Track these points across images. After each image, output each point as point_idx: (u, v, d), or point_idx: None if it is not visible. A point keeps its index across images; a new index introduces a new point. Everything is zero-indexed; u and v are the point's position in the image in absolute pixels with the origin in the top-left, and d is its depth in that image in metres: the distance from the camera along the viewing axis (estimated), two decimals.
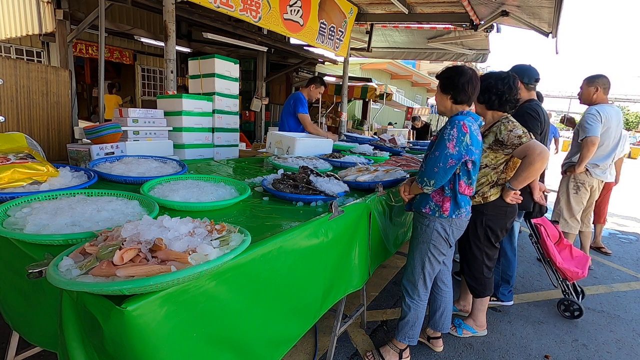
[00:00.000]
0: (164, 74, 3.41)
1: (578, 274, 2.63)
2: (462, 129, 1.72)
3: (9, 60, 2.68)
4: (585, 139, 3.08)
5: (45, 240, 1.06)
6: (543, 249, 2.74)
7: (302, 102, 3.98)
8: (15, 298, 1.24)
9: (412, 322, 2.03)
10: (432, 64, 21.44)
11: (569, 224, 3.40)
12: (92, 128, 2.30)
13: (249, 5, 4.09)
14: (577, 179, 3.32)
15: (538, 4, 4.49)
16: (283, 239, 1.30)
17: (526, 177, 1.96)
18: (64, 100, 3.01)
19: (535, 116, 2.43)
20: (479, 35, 6.46)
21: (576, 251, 2.90)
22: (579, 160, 3.19)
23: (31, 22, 4.80)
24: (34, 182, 1.51)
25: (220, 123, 3.11)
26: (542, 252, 2.77)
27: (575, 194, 3.34)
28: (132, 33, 5.74)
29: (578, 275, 2.63)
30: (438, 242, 1.91)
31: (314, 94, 4.05)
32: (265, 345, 1.30)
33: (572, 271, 2.63)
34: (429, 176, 1.78)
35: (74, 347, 0.92)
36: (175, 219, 1.04)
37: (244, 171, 2.55)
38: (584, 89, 3.27)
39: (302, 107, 3.96)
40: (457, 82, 1.79)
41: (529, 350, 2.33)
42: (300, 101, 3.98)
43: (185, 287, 0.95)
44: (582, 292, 2.85)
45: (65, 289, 0.84)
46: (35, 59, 6.86)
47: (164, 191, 1.62)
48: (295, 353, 2.12)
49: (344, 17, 5.83)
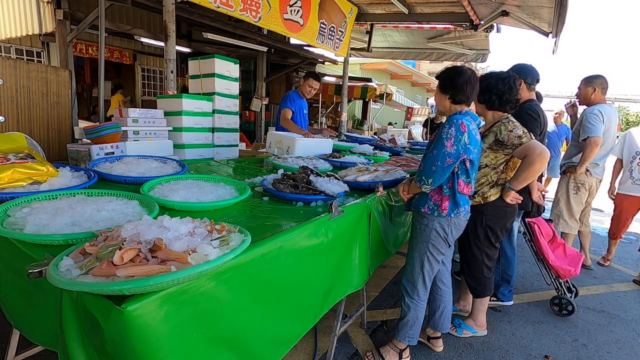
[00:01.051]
0: (164, 74, 3.41)
1: (570, 272, 2.64)
2: (460, 128, 1.73)
3: (9, 60, 2.68)
4: (589, 139, 3.06)
5: (45, 240, 1.06)
6: (536, 247, 2.76)
7: (288, 99, 3.99)
8: (16, 298, 1.24)
9: (411, 322, 2.04)
10: (432, 64, 21.44)
11: (569, 224, 3.39)
12: (92, 128, 2.30)
13: (249, 5, 4.09)
14: (577, 179, 3.31)
15: (538, 4, 4.49)
16: (283, 239, 1.30)
17: (526, 177, 1.96)
18: (64, 100, 3.01)
19: (535, 117, 2.43)
20: (479, 35, 6.46)
21: (569, 249, 2.91)
22: (581, 160, 3.17)
23: (31, 22, 4.80)
24: (34, 182, 1.51)
25: (220, 123, 3.11)
26: (535, 250, 2.79)
27: (575, 194, 3.33)
28: (132, 33, 5.75)
29: (570, 273, 2.65)
30: (437, 242, 1.91)
31: (304, 89, 4.01)
32: (265, 345, 1.30)
33: (565, 269, 2.65)
34: (427, 175, 1.78)
35: (74, 346, 0.92)
36: (175, 219, 1.04)
37: (244, 171, 2.55)
38: (582, 89, 3.26)
39: (286, 103, 3.97)
40: (456, 82, 1.80)
41: (529, 350, 2.33)
42: (286, 98, 4.01)
43: (185, 287, 0.95)
44: (575, 290, 2.86)
45: (65, 289, 0.84)
46: (35, 59, 6.86)
47: (164, 191, 1.62)
48: (295, 353, 2.12)
49: (344, 17, 5.83)
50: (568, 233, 3.41)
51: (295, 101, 4.00)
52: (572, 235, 3.45)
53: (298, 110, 4.07)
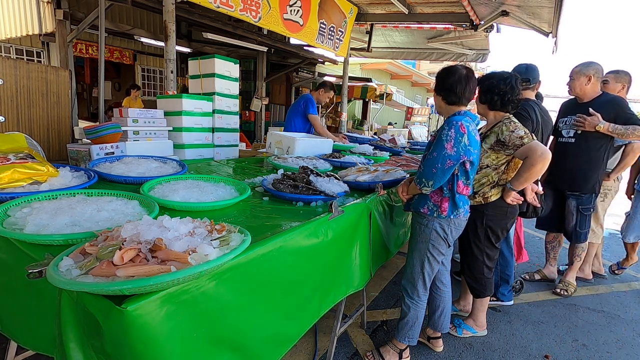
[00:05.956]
0: (164, 74, 3.41)
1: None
2: (460, 130, 1.72)
3: (9, 60, 2.68)
4: (631, 145, 2.93)
5: (45, 240, 1.06)
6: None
7: (313, 104, 4.07)
8: (9, 303, 1.23)
9: (411, 322, 2.03)
10: (432, 64, 21.40)
11: (596, 233, 3.20)
12: (92, 128, 2.31)
13: (248, 5, 4.09)
14: (605, 185, 3.09)
15: (538, 4, 4.50)
16: (283, 239, 1.30)
17: (527, 178, 1.96)
18: (64, 100, 3.00)
19: (525, 115, 2.42)
20: (479, 35, 6.47)
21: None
22: (619, 167, 3.03)
23: (31, 22, 4.79)
24: (34, 182, 1.51)
25: (220, 123, 3.11)
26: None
27: (602, 201, 3.18)
28: (132, 33, 5.75)
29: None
30: (437, 242, 1.91)
31: (322, 98, 4.18)
32: (265, 345, 1.30)
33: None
34: (427, 177, 1.78)
35: (72, 348, 0.91)
36: (175, 219, 1.04)
37: (244, 171, 2.55)
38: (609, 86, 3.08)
39: (313, 109, 4.05)
40: (446, 82, 1.81)
41: (529, 350, 2.33)
42: (311, 103, 4.08)
43: (185, 287, 0.95)
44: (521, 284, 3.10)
45: (65, 289, 0.84)
46: (35, 59, 6.86)
47: (164, 191, 1.62)
48: (295, 353, 2.12)
49: (343, 17, 5.84)
50: (594, 243, 3.25)
51: (315, 106, 4.11)
52: (596, 245, 3.28)
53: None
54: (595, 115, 2.68)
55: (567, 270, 3.16)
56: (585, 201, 2.87)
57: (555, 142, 3.03)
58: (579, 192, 2.87)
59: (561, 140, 2.94)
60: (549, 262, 3.34)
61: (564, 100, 3.16)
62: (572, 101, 2.96)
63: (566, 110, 2.97)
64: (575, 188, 2.87)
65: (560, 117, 3.01)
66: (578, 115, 2.77)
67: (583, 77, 2.76)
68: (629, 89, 3.14)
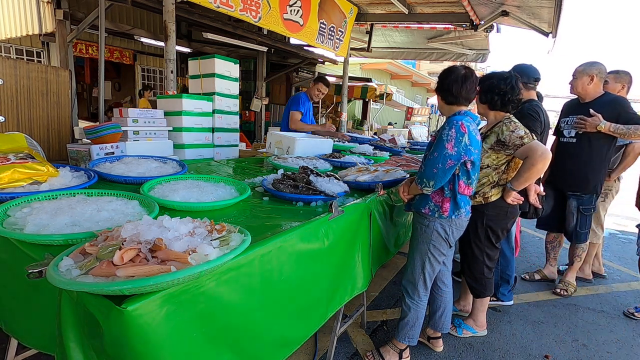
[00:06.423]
0: (164, 74, 3.41)
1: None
2: (461, 129, 1.72)
3: (9, 60, 2.68)
4: (632, 145, 2.93)
5: (45, 240, 1.06)
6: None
7: (296, 101, 4.05)
8: (9, 301, 1.23)
9: (412, 323, 2.03)
10: (432, 64, 21.43)
11: (597, 233, 3.19)
12: (92, 128, 2.30)
13: (248, 5, 4.09)
14: (605, 186, 3.06)
15: (538, 4, 4.50)
16: (283, 239, 1.30)
17: (527, 178, 1.96)
18: (64, 100, 3.00)
19: (535, 116, 2.43)
20: (479, 35, 6.47)
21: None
22: (620, 167, 3.03)
23: (31, 22, 4.79)
24: (34, 182, 1.51)
25: (220, 123, 3.11)
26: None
27: (603, 201, 3.18)
28: (132, 33, 5.75)
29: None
30: (438, 243, 1.91)
31: (312, 92, 4.11)
32: (267, 346, 1.30)
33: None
34: (428, 177, 1.78)
35: (72, 347, 0.92)
36: (175, 219, 1.04)
37: (244, 171, 2.55)
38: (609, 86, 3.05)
39: (295, 105, 4.03)
40: (444, 82, 1.83)
41: (529, 350, 2.33)
42: (295, 99, 4.07)
43: (185, 287, 0.95)
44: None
45: (65, 289, 0.84)
46: (35, 59, 6.86)
47: (164, 191, 1.62)
48: (295, 353, 2.11)
49: (343, 17, 5.84)
50: (595, 243, 3.22)
51: (304, 103, 4.06)
52: (596, 245, 3.27)
53: (306, 112, 4.14)
54: (595, 116, 2.68)
55: (567, 270, 3.16)
56: (586, 201, 2.86)
57: (556, 141, 3.03)
58: (579, 193, 2.86)
59: (563, 140, 2.94)
60: (549, 262, 3.34)
61: (564, 100, 3.14)
62: (575, 101, 2.95)
63: (568, 110, 2.96)
64: (576, 188, 2.87)
65: (562, 117, 3.01)
66: (578, 116, 2.77)
67: (586, 76, 2.76)
68: (629, 89, 3.14)
